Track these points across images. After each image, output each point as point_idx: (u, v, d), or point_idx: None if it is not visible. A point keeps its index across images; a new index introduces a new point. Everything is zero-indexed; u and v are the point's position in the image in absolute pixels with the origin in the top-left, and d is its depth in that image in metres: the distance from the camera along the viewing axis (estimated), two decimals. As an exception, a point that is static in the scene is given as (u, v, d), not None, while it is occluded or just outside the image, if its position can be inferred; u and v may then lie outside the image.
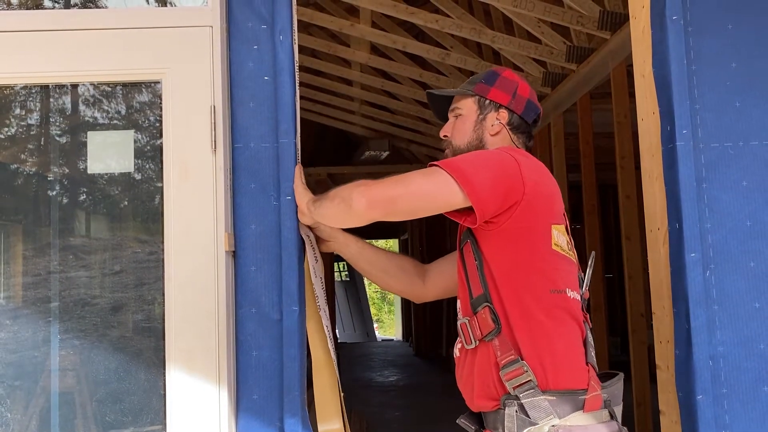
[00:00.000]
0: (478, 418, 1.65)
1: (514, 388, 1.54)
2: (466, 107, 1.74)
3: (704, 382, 1.66)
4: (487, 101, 1.72)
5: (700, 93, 1.76)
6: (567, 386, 1.54)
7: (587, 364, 1.60)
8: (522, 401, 1.53)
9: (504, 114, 1.72)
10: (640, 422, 4.23)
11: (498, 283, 1.58)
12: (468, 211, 1.56)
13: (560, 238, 1.61)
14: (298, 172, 1.74)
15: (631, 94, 3.81)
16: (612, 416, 1.58)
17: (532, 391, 1.53)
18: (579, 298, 1.64)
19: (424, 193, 1.55)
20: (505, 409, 1.54)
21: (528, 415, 1.52)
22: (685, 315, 1.69)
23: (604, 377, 1.64)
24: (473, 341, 1.61)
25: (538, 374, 1.54)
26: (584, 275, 1.69)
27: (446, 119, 1.80)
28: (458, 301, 1.69)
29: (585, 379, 1.57)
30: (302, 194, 1.72)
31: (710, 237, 1.72)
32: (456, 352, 1.69)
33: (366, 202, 1.52)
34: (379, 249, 1.90)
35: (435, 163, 1.58)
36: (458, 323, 1.65)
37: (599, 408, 1.56)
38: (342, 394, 1.77)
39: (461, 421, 1.67)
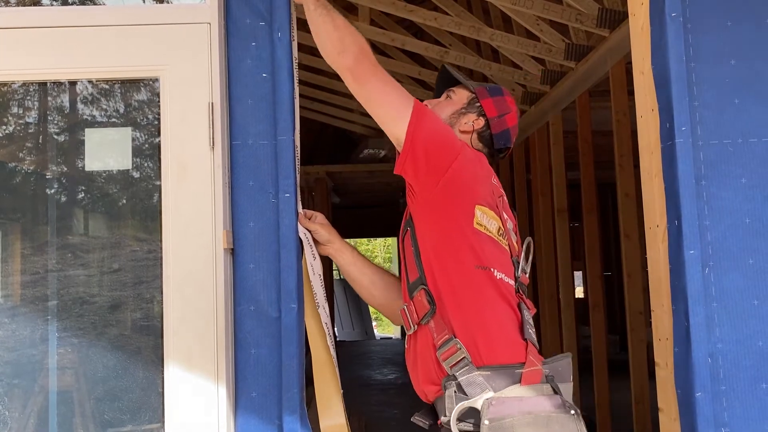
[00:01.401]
0: (433, 413, 1.66)
1: (451, 367, 1.55)
2: (459, 95, 1.85)
3: (703, 380, 1.66)
4: (478, 104, 1.83)
5: (700, 90, 1.76)
6: (501, 361, 1.56)
7: (525, 340, 1.61)
8: (459, 380, 1.54)
9: (481, 122, 1.81)
10: (639, 420, 4.23)
11: (432, 263, 1.62)
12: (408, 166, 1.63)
13: (486, 220, 1.64)
14: None
15: (630, 92, 3.80)
16: (555, 391, 1.57)
17: (467, 368, 1.54)
18: (511, 282, 1.66)
19: (386, 99, 1.65)
20: (445, 392, 1.56)
21: (465, 394, 1.53)
22: (684, 312, 1.69)
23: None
24: (412, 326, 1.65)
25: (471, 351, 1.56)
26: (520, 262, 1.72)
27: (438, 96, 1.90)
28: None
29: (521, 354, 1.58)
30: None
31: (709, 234, 1.72)
32: (406, 341, 1.73)
33: (352, 63, 1.64)
34: (372, 262, 1.95)
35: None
36: (398, 310, 1.70)
37: (539, 382, 1.56)
38: (341, 392, 1.76)
39: (415, 419, 1.69)
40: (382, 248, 25.01)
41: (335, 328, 12.75)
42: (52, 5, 2.30)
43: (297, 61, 1.81)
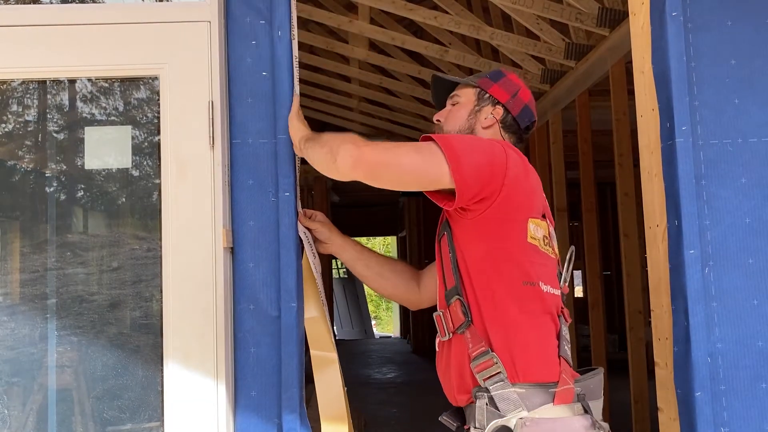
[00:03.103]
0: (461, 414, 1.64)
1: (484, 380, 1.53)
2: (466, 96, 1.77)
3: (702, 379, 1.66)
4: (487, 95, 1.75)
5: (700, 90, 1.76)
6: (537, 379, 1.54)
7: (559, 357, 1.59)
8: (492, 393, 1.52)
9: (499, 110, 1.74)
10: (638, 419, 4.24)
11: (471, 274, 1.58)
12: (448, 193, 1.56)
13: (538, 232, 1.61)
14: (296, 102, 1.75)
15: (630, 92, 3.80)
16: (586, 410, 1.56)
17: (501, 383, 1.52)
18: (556, 293, 1.64)
19: (414, 167, 1.53)
20: (476, 402, 1.54)
21: (497, 408, 1.51)
22: (683, 312, 1.69)
23: (583, 373, 1.64)
24: (447, 333, 1.62)
25: (507, 366, 1.53)
26: (563, 271, 1.70)
27: (442, 106, 1.83)
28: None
29: (556, 372, 1.56)
30: (297, 128, 1.72)
31: (709, 234, 1.72)
32: (436, 345, 1.69)
33: (352, 162, 1.51)
34: (376, 253, 1.91)
35: (430, 135, 1.57)
36: (434, 314, 1.66)
37: (571, 401, 1.55)
38: (345, 388, 1.76)
39: (443, 419, 1.67)
40: (381, 247, 25.02)
41: (335, 327, 12.77)
42: (51, 3, 2.29)
43: (297, 59, 1.81)
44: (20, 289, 1.90)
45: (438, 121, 1.79)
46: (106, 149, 1.96)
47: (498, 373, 1.53)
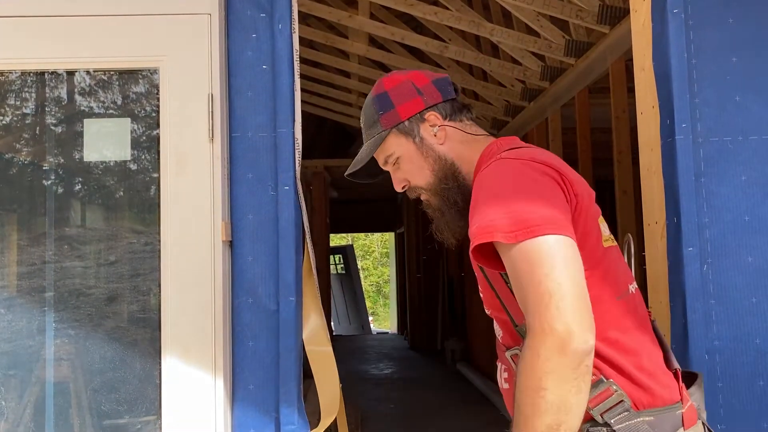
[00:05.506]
0: None
1: (601, 414, 1.28)
2: (396, 146, 1.46)
3: (700, 377, 1.66)
4: (406, 122, 1.45)
5: (700, 87, 1.76)
6: (663, 402, 1.32)
7: (672, 369, 1.38)
8: (615, 428, 1.27)
9: (431, 116, 1.45)
10: (634, 416, 4.24)
11: None
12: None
13: (606, 229, 1.41)
14: None
15: (630, 89, 3.79)
16: (705, 427, 1.37)
17: (626, 413, 1.28)
18: (635, 288, 1.43)
19: (564, 271, 1.19)
20: None
21: None
22: (681, 309, 1.69)
23: (684, 378, 1.43)
24: None
25: (628, 393, 1.31)
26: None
27: (381, 175, 1.56)
28: (495, 325, 1.45)
29: (676, 389, 1.35)
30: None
31: (708, 231, 1.72)
32: (502, 383, 1.44)
33: (577, 330, 1.16)
34: None
35: (504, 240, 1.22)
36: (506, 355, 1.39)
37: (696, 421, 1.34)
38: (340, 385, 1.76)
39: None
40: (379, 243, 25.03)
41: (332, 323, 12.80)
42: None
43: (298, 53, 1.80)
44: (18, 281, 1.90)
45: (404, 187, 1.49)
46: (105, 142, 1.95)
47: (620, 402, 1.29)
